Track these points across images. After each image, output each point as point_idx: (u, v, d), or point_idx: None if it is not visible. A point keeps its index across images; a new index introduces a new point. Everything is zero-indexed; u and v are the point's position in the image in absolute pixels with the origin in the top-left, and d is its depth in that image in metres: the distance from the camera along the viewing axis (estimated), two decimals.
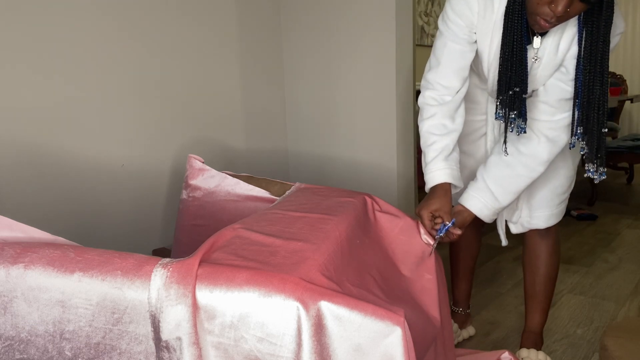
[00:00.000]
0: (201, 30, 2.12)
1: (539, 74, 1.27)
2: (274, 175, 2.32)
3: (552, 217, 1.46)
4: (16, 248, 0.82)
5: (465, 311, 1.74)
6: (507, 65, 1.20)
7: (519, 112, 1.24)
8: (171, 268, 0.77)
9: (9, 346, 0.81)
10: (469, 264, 1.72)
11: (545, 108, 1.28)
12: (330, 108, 2.45)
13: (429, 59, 1.35)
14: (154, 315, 0.76)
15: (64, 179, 1.71)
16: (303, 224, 1.02)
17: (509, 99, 1.23)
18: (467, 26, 1.26)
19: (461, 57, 1.29)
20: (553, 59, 1.24)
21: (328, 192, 1.29)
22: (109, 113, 1.83)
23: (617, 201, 3.48)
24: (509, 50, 1.19)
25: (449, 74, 1.30)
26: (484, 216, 1.34)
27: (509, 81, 1.21)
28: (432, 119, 1.32)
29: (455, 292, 1.75)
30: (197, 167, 1.49)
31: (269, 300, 0.75)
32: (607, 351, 1.13)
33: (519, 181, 1.32)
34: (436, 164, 1.30)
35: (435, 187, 1.30)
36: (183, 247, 1.49)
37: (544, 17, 1.10)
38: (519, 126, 1.26)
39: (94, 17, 1.75)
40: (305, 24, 2.44)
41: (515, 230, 1.51)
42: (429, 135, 1.32)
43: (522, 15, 1.16)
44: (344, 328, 0.76)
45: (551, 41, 1.22)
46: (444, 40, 1.29)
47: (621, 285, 2.12)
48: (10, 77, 1.56)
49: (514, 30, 1.17)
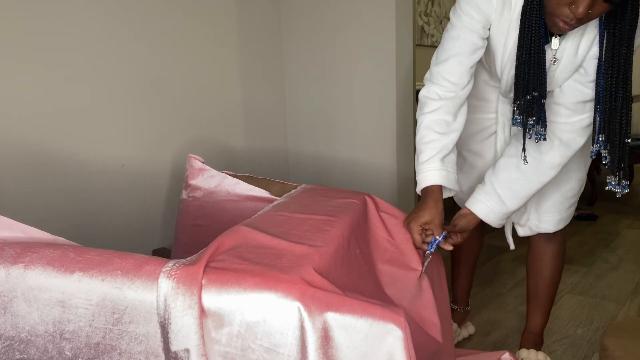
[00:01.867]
0: (201, 30, 2.12)
1: (557, 76, 1.21)
2: (274, 175, 2.32)
3: (561, 222, 1.43)
4: (16, 248, 0.82)
5: (464, 309, 1.73)
6: (525, 69, 1.14)
7: (538, 117, 1.16)
8: (176, 278, 0.76)
9: (9, 346, 0.81)
10: (470, 262, 1.69)
11: (561, 110, 1.22)
12: (330, 108, 2.45)
13: (436, 52, 1.28)
14: (164, 327, 0.76)
15: (64, 179, 1.71)
16: (309, 226, 1.01)
17: (527, 103, 1.16)
18: (483, 21, 1.20)
19: (472, 53, 1.22)
20: (572, 61, 1.18)
21: (334, 194, 1.29)
22: (109, 113, 1.83)
23: (617, 201, 3.48)
24: (526, 52, 1.13)
25: (457, 68, 1.23)
26: (490, 221, 1.30)
27: (526, 85, 1.15)
28: (434, 113, 1.25)
29: (455, 289, 1.73)
30: (197, 167, 1.49)
31: (276, 309, 0.75)
32: (607, 351, 1.13)
33: (530, 186, 1.27)
34: (432, 164, 1.23)
35: (426, 197, 1.22)
36: (183, 247, 1.49)
37: (564, 18, 1.03)
38: (538, 133, 1.18)
39: (94, 17, 1.75)
40: (305, 24, 2.44)
41: (523, 233, 1.46)
42: (428, 132, 1.25)
43: (540, 15, 1.09)
44: (350, 338, 0.75)
45: (571, 42, 1.16)
46: (456, 33, 1.22)
47: (621, 285, 2.12)
48: (10, 77, 1.56)
49: (532, 31, 1.11)
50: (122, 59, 1.84)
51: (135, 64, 1.89)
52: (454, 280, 1.72)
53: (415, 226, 1.19)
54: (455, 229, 1.31)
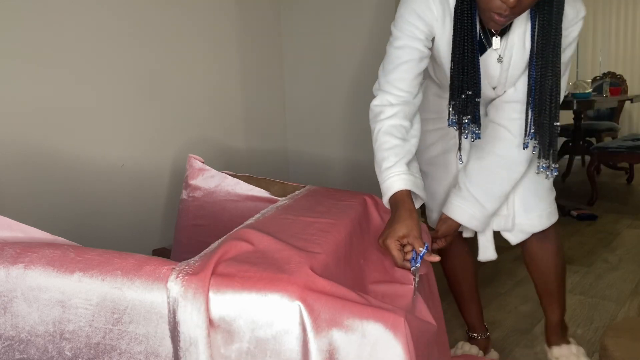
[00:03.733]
0: (201, 30, 2.12)
1: (510, 74, 1.20)
2: (274, 175, 2.32)
3: (550, 215, 1.35)
4: (16, 248, 0.82)
5: (484, 335, 1.59)
6: (459, 68, 1.13)
7: (473, 116, 1.16)
8: (182, 290, 0.76)
9: (9, 346, 0.81)
10: (470, 283, 1.57)
11: (519, 107, 1.21)
12: (330, 108, 2.45)
13: (382, 64, 1.25)
14: (175, 341, 0.76)
15: (64, 179, 1.71)
16: (315, 229, 1.00)
17: (462, 103, 1.15)
18: (426, 31, 1.18)
19: (419, 60, 1.20)
20: (522, 57, 1.17)
21: (338, 195, 1.28)
22: (110, 113, 1.83)
23: (617, 201, 3.48)
24: (460, 51, 1.12)
25: (406, 76, 1.19)
26: (473, 226, 1.28)
27: (461, 85, 1.14)
28: (392, 119, 1.19)
29: (466, 317, 1.59)
30: (197, 167, 1.49)
31: (281, 313, 0.75)
32: (607, 351, 1.13)
33: (503, 183, 1.26)
34: (398, 168, 1.15)
35: (397, 208, 1.11)
36: (183, 247, 1.49)
37: (497, 10, 1.02)
38: (473, 132, 1.19)
39: (94, 18, 1.75)
40: (305, 25, 2.44)
41: (515, 239, 1.37)
42: (389, 138, 1.17)
43: (472, 12, 1.09)
44: (357, 355, 0.76)
45: (516, 38, 1.15)
46: (400, 42, 1.19)
47: (621, 285, 2.12)
48: (11, 78, 1.56)
49: (464, 30, 1.10)
50: (122, 59, 1.84)
51: (135, 64, 1.89)
52: (461, 308, 1.60)
53: (392, 242, 1.05)
54: (437, 234, 1.29)
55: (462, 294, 1.57)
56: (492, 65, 1.20)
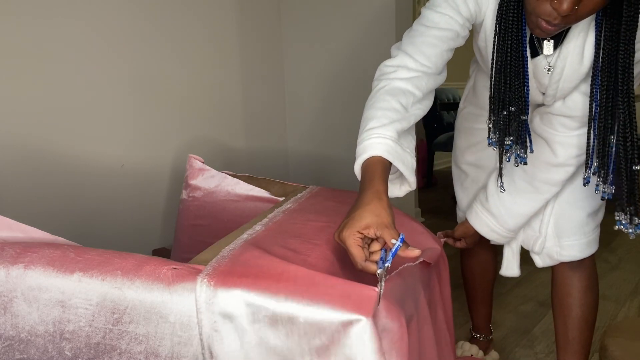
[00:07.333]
0: (201, 30, 2.12)
1: (561, 86, 1.02)
2: (274, 175, 2.32)
3: (588, 245, 1.17)
4: (16, 248, 0.82)
5: (487, 337, 1.55)
6: (500, 78, 0.96)
7: (517, 137, 0.98)
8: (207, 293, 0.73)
9: (8, 346, 0.81)
10: (487, 289, 1.49)
11: (566, 121, 1.05)
12: (330, 108, 2.45)
13: (408, 30, 1.04)
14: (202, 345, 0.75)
15: (64, 179, 1.71)
16: (328, 235, 0.99)
17: (503, 120, 0.97)
18: (473, 8, 0.99)
19: (455, 37, 0.98)
20: (577, 69, 0.98)
21: (343, 197, 1.28)
22: (109, 113, 1.83)
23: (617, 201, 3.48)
24: (502, 59, 0.95)
25: (437, 45, 0.97)
26: (494, 239, 1.18)
27: (502, 99, 0.97)
28: (404, 82, 0.96)
29: (474, 318, 1.54)
30: (197, 167, 1.49)
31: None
32: (607, 351, 1.13)
33: (529, 204, 1.12)
34: (385, 131, 0.89)
35: (364, 188, 0.85)
36: (183, 247, 1.49)
37: (546, 17, 0.85)
38: (519, 156, 1.00)
39: (94, 18, 1.75)
40: (305, 25, 2.44)
41: (542, 263, 1.21)
42: (389, 98, 0.93)
43: (519, 15, 0.93)
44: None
45: (573, 46, 0.97)
46: (442, 10, 0.97)
47: (621, 285, 2.12)
48: (11, 78, 1.56)
49: (508, 31, 0.93)
50: (122, 59, 1.85)
51: (135, 64, 1.89)
52: (471, 308, 1.55)
53: (351, 236, 0.76)
54: (454, 234, 1.24)
55: (475, 296, 1.51)
56: (540, 72, 1.03)
